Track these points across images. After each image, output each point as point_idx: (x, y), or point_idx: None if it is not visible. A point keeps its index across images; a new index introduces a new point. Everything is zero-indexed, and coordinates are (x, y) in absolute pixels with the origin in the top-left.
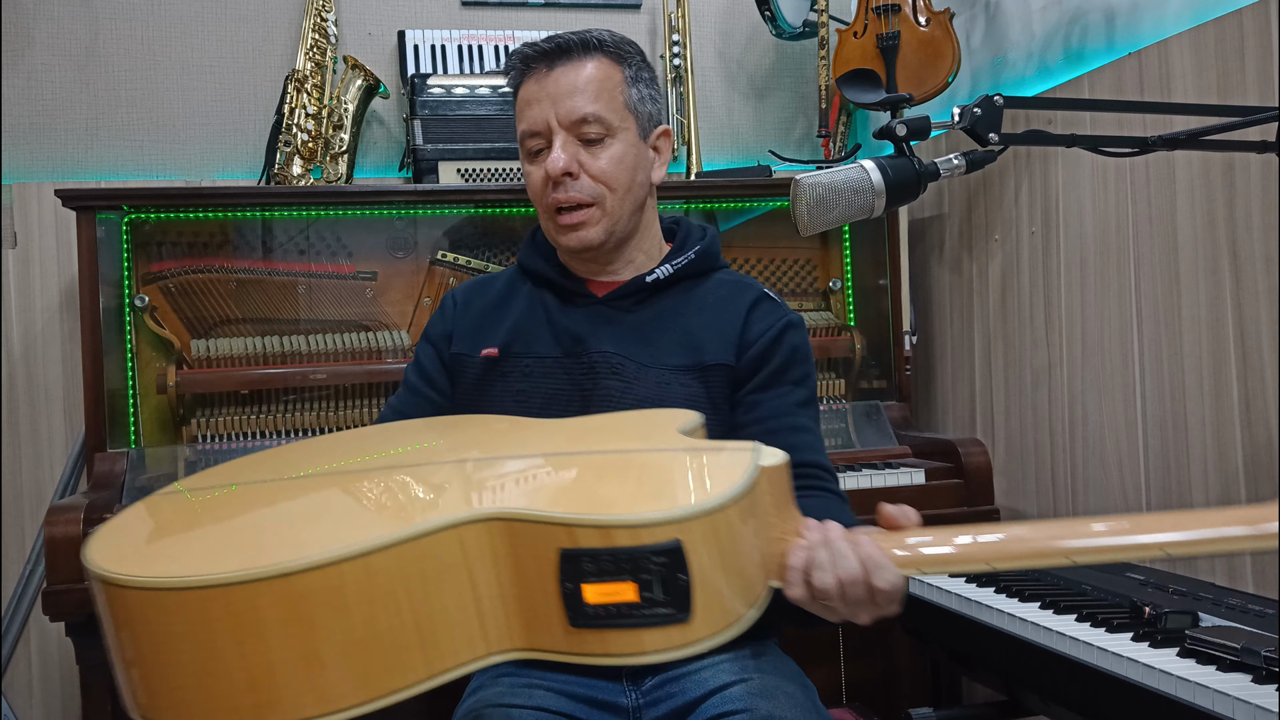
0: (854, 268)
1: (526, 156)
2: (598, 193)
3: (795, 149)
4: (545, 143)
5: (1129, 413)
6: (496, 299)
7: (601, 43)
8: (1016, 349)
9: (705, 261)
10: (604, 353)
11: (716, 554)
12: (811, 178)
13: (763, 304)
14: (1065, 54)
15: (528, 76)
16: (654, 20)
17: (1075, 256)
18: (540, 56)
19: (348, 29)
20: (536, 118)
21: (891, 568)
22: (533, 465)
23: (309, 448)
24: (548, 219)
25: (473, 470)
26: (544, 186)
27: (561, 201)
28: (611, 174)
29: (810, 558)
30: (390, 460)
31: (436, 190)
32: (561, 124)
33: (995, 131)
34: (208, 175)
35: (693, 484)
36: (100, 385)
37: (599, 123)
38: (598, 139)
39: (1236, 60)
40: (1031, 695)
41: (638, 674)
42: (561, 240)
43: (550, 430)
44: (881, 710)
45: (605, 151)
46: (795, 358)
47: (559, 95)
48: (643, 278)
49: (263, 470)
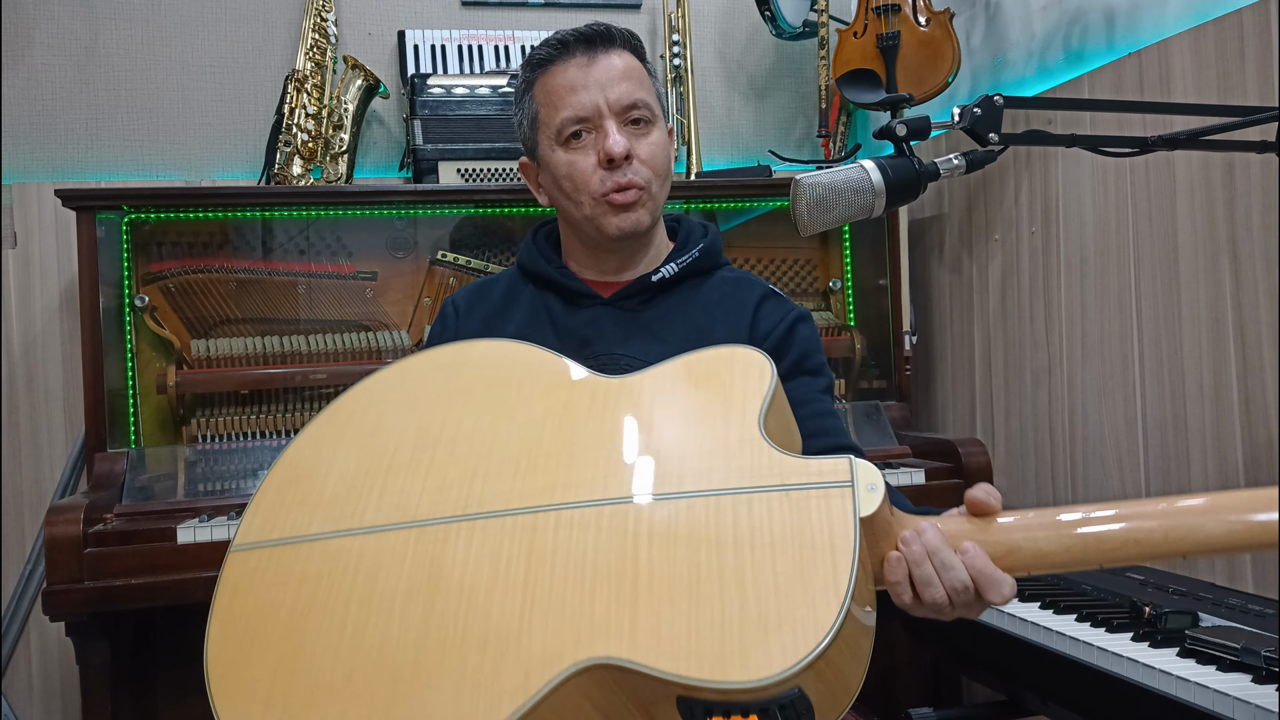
0: (854, 268)
1: (565, 146)
2: (647, 176)
3: (795, 149)
4: (591, 129)
5: (1129, 413)
6: (498, 303)
7: (625, 38)
8: (1016, 349)
9: (709, 259)
10: (610, 353)
11: (833, 668)
12: (811, 178)
13: (769, 300)
14: (1065, 54)
15: (563, 63)
16: (654, 20)
17: (1075, 256)
18: (582, 42)
19: (348, 29)
20: (584, 103)
21: (1006, 581)
22: (619, 543)
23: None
24: (597, 205)
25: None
26: (595, 171)
27: (622, 184)
28: (658, 159)
29: (917, 575)
30: (462, 504)
31: (436, 190)
32: (612, 109)
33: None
34: (208, 175)
35: (800, 616)
36: (100, 385)
37: (646, 108)
38: (644, 123)
39: (1236, 60)
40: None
41: None
42: (615, 223)
43: (611, 428)
44: (881, 710)
45: (650, 137)
46: (810, 347)
47: (608, 81)
48: (648, 277)
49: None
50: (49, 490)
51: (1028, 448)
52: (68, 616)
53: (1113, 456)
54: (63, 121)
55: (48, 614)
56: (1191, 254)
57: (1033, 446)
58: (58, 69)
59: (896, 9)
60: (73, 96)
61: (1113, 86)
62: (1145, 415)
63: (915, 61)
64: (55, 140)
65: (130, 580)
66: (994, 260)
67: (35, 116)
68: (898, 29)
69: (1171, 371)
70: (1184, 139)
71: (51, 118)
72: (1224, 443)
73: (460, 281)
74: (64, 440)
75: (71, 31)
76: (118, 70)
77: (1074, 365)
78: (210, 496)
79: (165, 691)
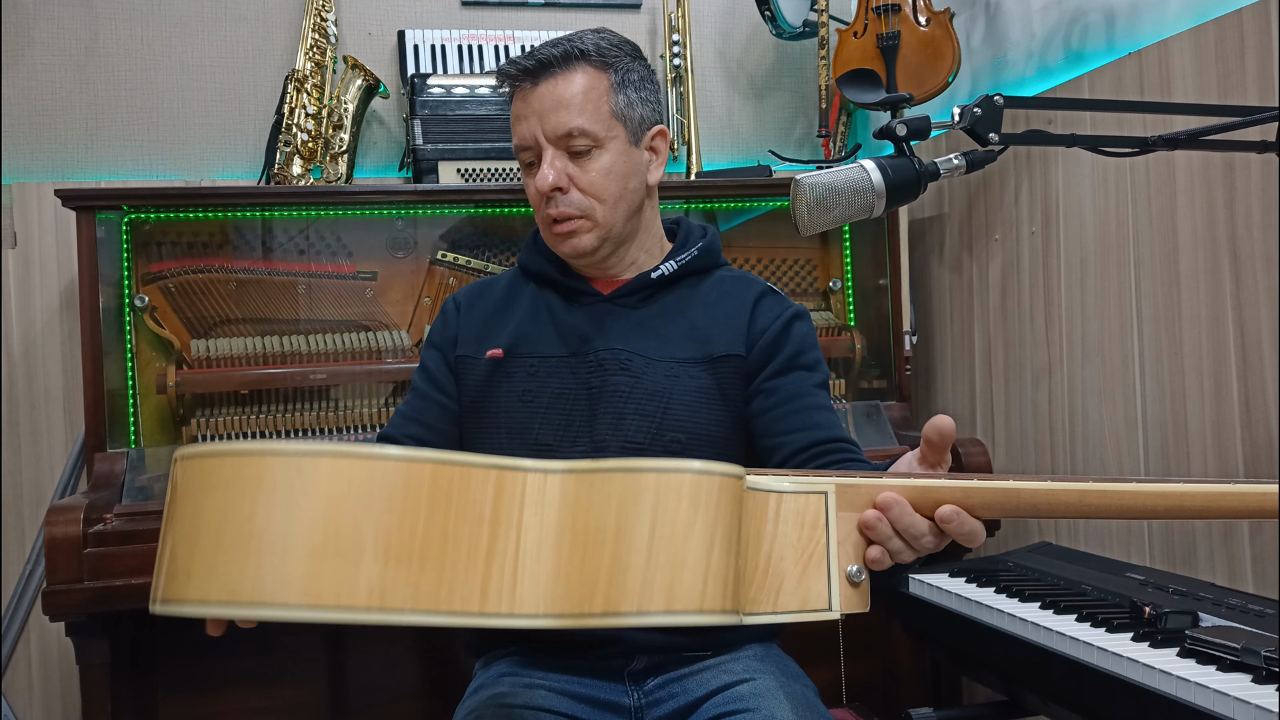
0: (854, 268)
1: (523, 168)
2: (587, 205)
3: (795, 149)
4: (535, 157)
5: (1129, 413)
6: (499, 300)
7: (584, 53)
8: (1016, 349)
9: (708, 258)
10: (611, 349)
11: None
12: (811, 178)
13: (767, 297)
14: (1065, 54)
15: (515, 92)
16: (654, 20)
17: (1075, 256)
18: (523, 74)
19: (348, 29)
20: (525, 133)
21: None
22: None
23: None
24: (544, 228)
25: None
26: (539, 199)
27: (554, 215)
28: (600, 185)
29: (886, 549)
30: None
31: (436, 190)
32: (548, 139)
33: (995, 131)
34: (207, 175)
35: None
36: (100, 385)
37: (585, 135)
38: (585, 151)
39: (1236, 60)
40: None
41: (640, 674)
42: (559, 246)
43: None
44: (881, 710)
45: (594, 164)
46: (806, 344)
47: (544, 111)
48: (647, 274)
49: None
50: (49, 490)
51: (1028, 448)
52: (67, 616)
53: (1113, 456)
54: (63, 121)
55: (48, 614)
56: (1191, 254)
57: (1033, 446)
58: (58, 69)
59: (896, 9)
60: (73, 96)
61: (1113, 86)
62: (1145, 415)
63: (915, 61)
64: (55, 140)
65: (130, 580)
66: (994, 260)
67: (35, 116)
68: (898, 29)
69: (1171, 371)
70: (1184, 139)
71: (51, 118)
72: (1224, 443)
73: (460, 282)
74: (64, 440)
75: (71, 31)
76: (118, 70)
77: (1074, 365)
78: None
79: (165, 691)
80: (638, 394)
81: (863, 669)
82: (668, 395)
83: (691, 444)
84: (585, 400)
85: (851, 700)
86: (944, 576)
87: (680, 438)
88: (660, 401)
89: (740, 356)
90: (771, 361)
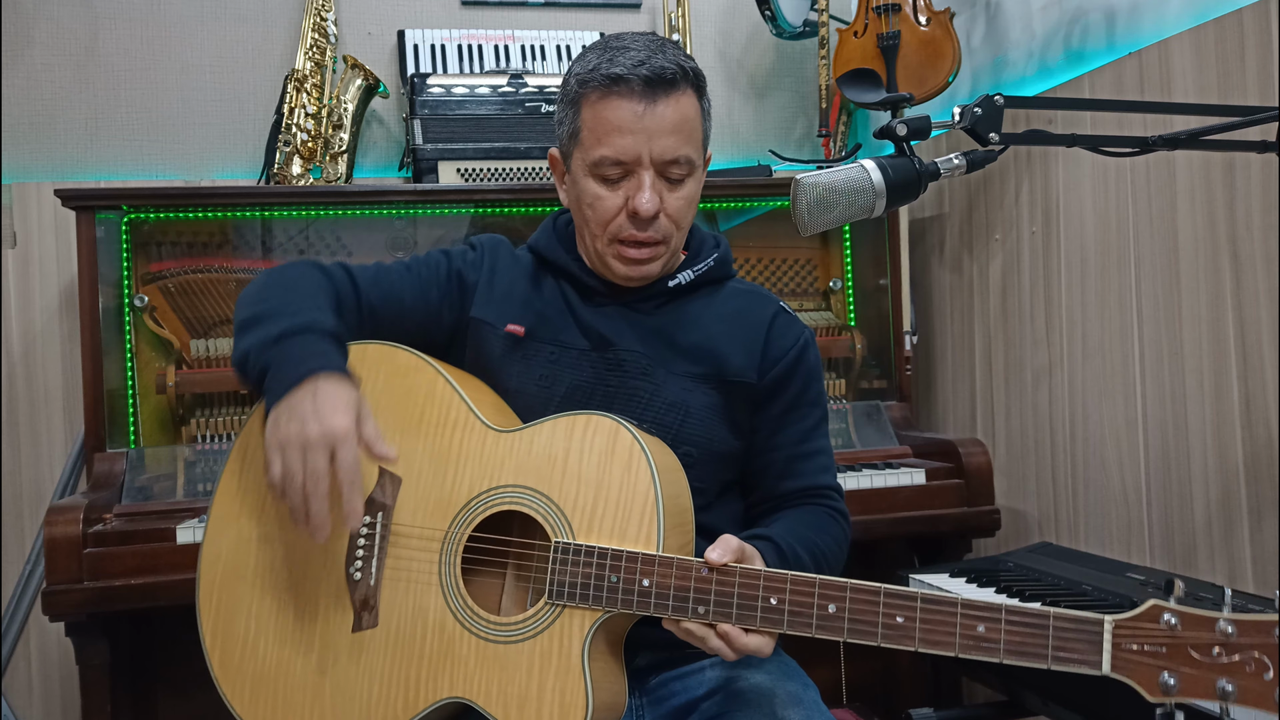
0: (854, 268)
1: (597, 177)
2: (669, 232)
3: (795, 149)
4: (625, 173)
5: (1129, 413)
6: (523, 276)
7: (694, 72)
8: (1017, 349)
9: (722, 269)
10: (632, 351)
11: None
12: (812, 178)
13: (780, 318)
14: (1065, 54)
15: (618, 97)
16: (654, 20)
17: (1075, 256)
18: (644, 84)
19: (347, 29)
20: (628, 150)
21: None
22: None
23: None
24: (607, 244)
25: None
26: (619, 214)
27: (640, 239)
28: (684, 214)
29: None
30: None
31: (436, 190)
32: (654, 161)
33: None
34: (207, 175)
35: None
36: (100, 385)
37: (687, 164)
38: (679, 180)
39: (1236, 60)
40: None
41: (642, 672)
42: (623, 270)
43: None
44: (881, 710)
45: (682, 191)
46: (813, 376)
47: (657, 132)
48: (665, 281)
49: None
50: (49, 490)
51: (1028, 448)
52: (67, 616)
53: (1113, 456)
54: (62, 121)
55: (47, 614)
56: (1191, 254)
57: (1033, 446)
58: (58, 69)
59: (897, 9)
60: (73, 96)
61: (1113, 86)
62: (1145, 415)
63: (915, 61)
64: (55, 140)
65: (130, 580)
66: (994, 260)
67: (35, 116)
68: (898, 29)
69: (1171, 371)
70: (1184, 139)
71: (51, 118)
72: (1224, 443)
73: None
74: (63, 440)
75: (71, 31)
76: (118, 70)
77: (1074, 365)
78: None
79: (165, 691)
80: (657, 403)
81: (863, 669)
82: (684, 408)
83: (702, 458)
84: (602, 396)
85: (852, 700)
86: (944, 576)
87: (693, 451)
88: (678, 414)
89: (751, 384)
90: (779, 397)
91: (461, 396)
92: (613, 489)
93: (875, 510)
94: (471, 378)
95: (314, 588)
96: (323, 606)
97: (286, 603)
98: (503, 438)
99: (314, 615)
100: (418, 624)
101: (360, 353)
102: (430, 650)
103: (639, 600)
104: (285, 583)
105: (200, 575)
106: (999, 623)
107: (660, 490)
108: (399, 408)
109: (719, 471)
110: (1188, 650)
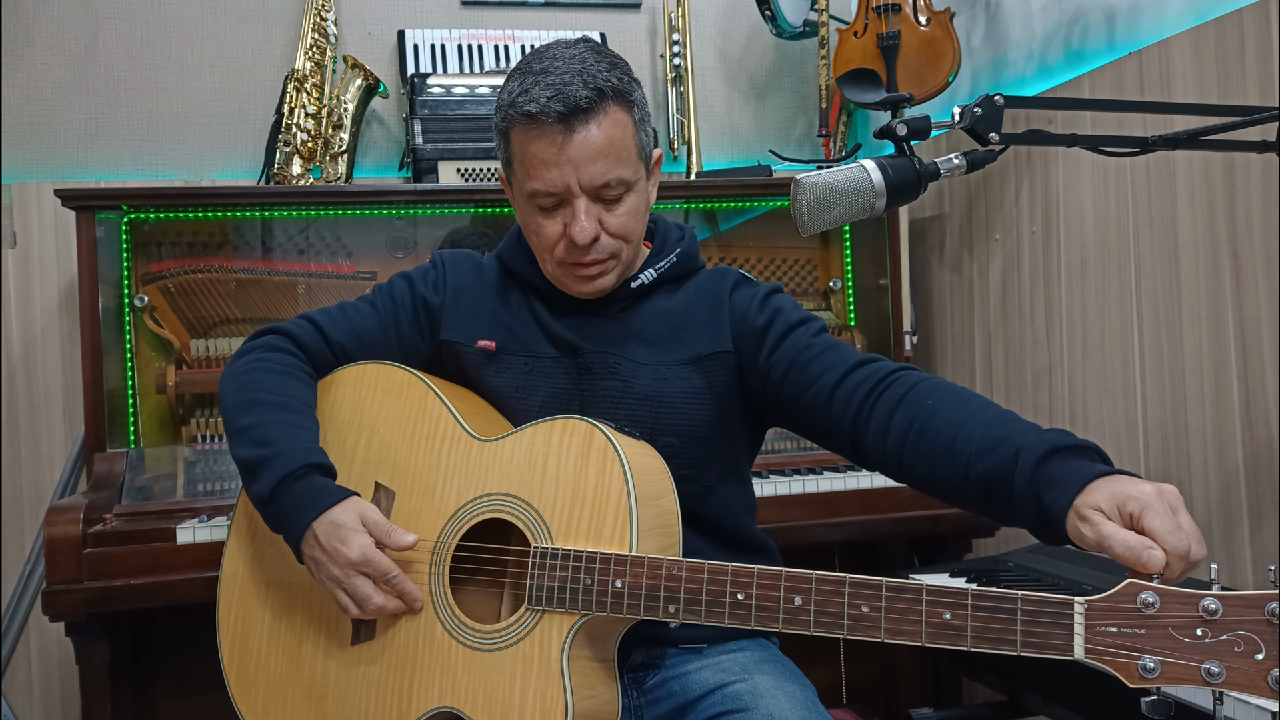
0: (854, 268)
1: (535, 209)
2: (615, 247)
3: (795, 149)
4: (559, 202)
5: (1129, 413)
6: (489, 291)
7: (613, 89)
8: (1016, 349)
9: (686, 264)
10: (599, 352)
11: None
12: (812, 178)
13: (741, 285)
14: (1065, 54)
15: (537, 129)
16: (654, 20)
17: (1075, 256)
18: (559, 118)
19: (347, 28)
20: (555, 182)
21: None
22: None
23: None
24: (556, 266)
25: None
26: (559, 241)
27: (583, 261)
28: (629, 227)
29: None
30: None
31: (436, 190)
32: (585, 189)
33: (995, 131)
34: (207, 175)
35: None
36: (100, 385)
37: (620, 184)
38: (616, 199)
39: (1236, 60)
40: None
41: (638, 671)
42: (577, 288)
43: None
44: (881, 710)
45: (622, 207)
46: (788, 305)
47: (582, 161)
48: (628, 284)
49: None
50: (48, 490)
51: None
52: (67, 616)
53: (1113, 456)
54: (62, 121)
55: (47, 614)
56: (1191, 254)
57: None
58: (58, 69)
59: (897, 8)
60: (73, 96)
61: (1113, 86)
62: (1145, 415)
63: (915, 61)
64: (55, 140)
65: (130, 580)
66: (994, 260)
67: (35, 116)
68: (898, 29)
69: (1171, 371)
70: (1184, 139)
71: (51, 118)
72: (1224, 443)
73: None
74: (63, 440)
75: (71, 31)
76: (118, 70)
77: (1074, 365)
78: (210, 496)
79: (165, 691)
80: (629, 399)
81: (863, 669)
82: (659, 399)
83: (684, 446)
84: (578, 402)
85: (851, 700)
86: (944, 576)
87: (673, 441)
88: (652, 406)
89: (727, 352)
90: (764, 341)
91: (449, 409)
92: (588, 492)
93: (875, 510)
94: (461, 389)
95: (320, 604)
96: (325, 622)
97: (294, 618)
98: (487, 446)
99: (317, 630)
100: (410, 635)
101: (359, 373)
102: (422, 660)
103: (613, 601)
104: (292, 599)
105: (220, 592)
106: (965, 608)
107: (635, 491)
108: (394, 423)
109: (711, 456)
110: (1169, 631)
